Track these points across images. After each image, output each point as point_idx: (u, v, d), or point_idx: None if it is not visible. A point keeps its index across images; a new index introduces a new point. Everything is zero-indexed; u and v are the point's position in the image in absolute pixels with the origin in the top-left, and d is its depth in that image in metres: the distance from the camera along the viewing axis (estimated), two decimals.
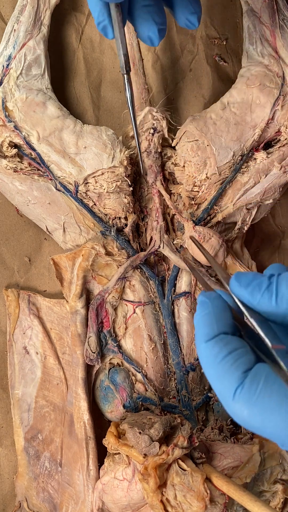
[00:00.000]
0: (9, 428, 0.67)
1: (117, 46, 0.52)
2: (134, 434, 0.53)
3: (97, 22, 0.51)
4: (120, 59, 0.53)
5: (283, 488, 0.53)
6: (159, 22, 0.51)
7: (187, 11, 0.52)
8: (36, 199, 0.64)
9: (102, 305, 0.64)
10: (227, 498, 0.50)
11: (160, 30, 0.51)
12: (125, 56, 0.52)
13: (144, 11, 0.51)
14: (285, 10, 0.65)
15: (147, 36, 0.52)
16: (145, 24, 0.51)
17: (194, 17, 0.52)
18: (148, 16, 0.51)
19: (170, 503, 0.51)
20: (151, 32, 0.51)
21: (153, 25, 0.51)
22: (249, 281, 0.41)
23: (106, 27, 0.51)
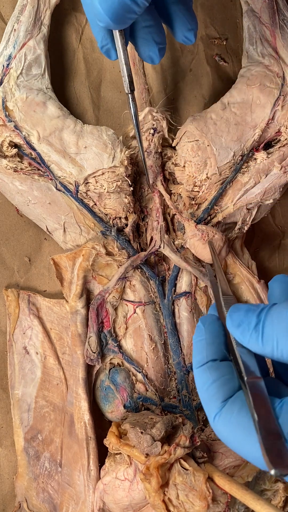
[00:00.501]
0: (9, 428, 0.67)
1: (121, 67, 0.53)
2: (136, 434, 0.53)
3: (100, 46, 0.52)
4: (124, 79, 0.54)
5: (284, 486, 0.53)
6: (159, 41, 0.53)
7: (185, 28, 0.54)
8: (36, 199, 0.64)
9: (102, 305, 0.64)
10: (229, 497, 0.50)
11: (160, 49, 0.54)
12: (129, 76, 0.54)
13: (145, 32, 0.53)
14: (285, 10, 0.65)
15: (148, 55, 0.54)
16: (146, 44, 0.53)
17: (191, 34, 0.54)
18: (149, 36, 0.53)
19: (172, 503, 0.51)
20: (152, 52, 0.54)
21: (153, 45, 0.53)
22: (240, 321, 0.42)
23: (109, 50, 0.52)
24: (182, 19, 0.53)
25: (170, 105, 0.70)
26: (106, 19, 0.45)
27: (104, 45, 0.52)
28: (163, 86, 0.70)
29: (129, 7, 0.44)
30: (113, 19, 0.45)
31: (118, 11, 0.44)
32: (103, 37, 0.51)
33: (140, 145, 0.59)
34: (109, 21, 0.45)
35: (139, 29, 0.53)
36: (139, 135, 0.58)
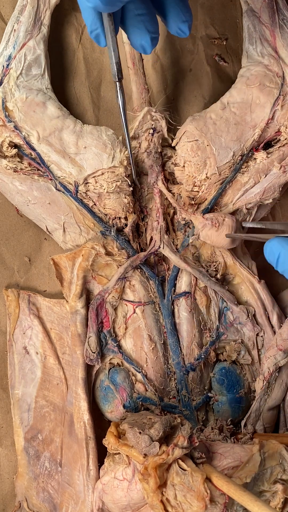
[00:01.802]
0: (9, 428, 0.67)
1: (109, 54, 0.53)
2: (134, 434, 0.53)
3: (90, 30, 0.52)
4: (112, 67, 0.53)
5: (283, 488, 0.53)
6: (151, 30, 0.52)
7: (179, 20, 0.53)
8: (36, 199, 0.64)
9: (102, 305, 0.64)
10: (227, 498, 0.50)
11: (152, 39, 0.52)
12: (117, 64, 0.53)
13: (137, 20, 0.52)
14: (285, 10, 0.65)
15: (139, 44, 0.53)
16: (138, 33, 0.52)
17: (185, 26, 0.53)
18: (141, 25, 0.52)
19: (170, 503, 0.51)
20: (144, 40, 0.52)
21: (146, 34, 0.52)
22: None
23: (99, 35, 0.52)
24: (177, 10, 0.53)
25: (170, 105, 0.70)
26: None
27: (94, 30, 0.51)
28: (163, 86, 0.70)
29: None
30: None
31: None
32: (93, 21, 0.51)
33: (126, 133, 0.59)
34: (98, 1, 0.45)
35: (131, 17, 0.52)
36: (125, 123, 0.58)
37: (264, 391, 0.63)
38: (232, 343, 0.66)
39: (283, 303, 0.68)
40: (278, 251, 0.52)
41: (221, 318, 0.66)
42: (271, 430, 0.65)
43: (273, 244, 0.53)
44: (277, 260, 0.52)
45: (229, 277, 0.67)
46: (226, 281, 0.67)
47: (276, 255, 0.52)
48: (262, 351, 0.66)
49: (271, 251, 0.53)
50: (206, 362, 0.65)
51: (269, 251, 0.53)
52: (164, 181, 0.65)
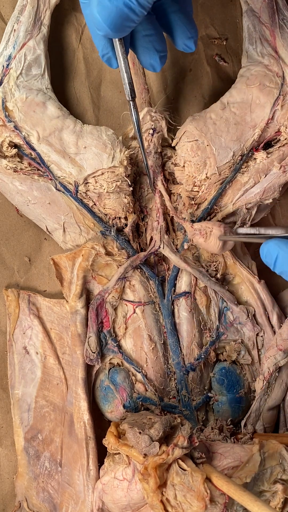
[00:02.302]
0: (9, 428, 0.67)
1: (122, 75, 0.54)
2: (134, 434, 0.53)
3: (101, 55, 0.53)
4: (125, 87, 0.54)
5: (283, 488, 0.53)
6: (160, 50, 0.54)
7: (185, 36, 0.54)
8: (36, 199, 0.64)
9: (102, 305, 0.64)
10: (227, 498, 0.50)
11: (161, 57, 0.54)
12: (130, 84, 0.54)
13: (145, 40, 0.53)
14: (284, 10, 0.65)
15: (149, 63, 0.55)
16: (147, 53, 0.54)
17: (191, 42, 0.55)
18: (150, 45, 0.53)
19: (170, 503, 0.51)
20: (153, 60, 0.54)
21: (154, 53, 0.54)
22: None
23: (110, 59, 0.53)
24: (182, 28, 0.54)
25: (170, 105, 0.70)
26: (105, 27, 0.46)
27: (105, 54, 0.53)
28: (163, 86, 0.70)
29: (127, 15, 0.45)
30: (111, 27, 0.46)
31: (116, 20, 0.45)
32: (104, 46, 0.52)
33: (142, 150, 0.59)
34: (107, 29, 0.46)
35: (139, 38, 0.53)
36: (141, 141, 0.59)
37: (264, 391, 0.63)
38: (232, 343, 0.66)
39: (283, 303, 0.68)
40: (276, 253, 0.52)
41: (221, 318, 0.66)
42: (271, 430, 0.65)
43: (270, 245, 0.52)
44: (274, 262, 0.52)
45: (229, 277, 0.67)
46: (226, 281, 0.67)
47: (274, 257, 0.52)
48: (262, 351, 0.66)
49: (268, 252, 0.53)
50: (206, 362, 0.65)
51: (266, 253, 0.53)
52: (163, 182, 0.65)
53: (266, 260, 0.53)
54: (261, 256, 0.53)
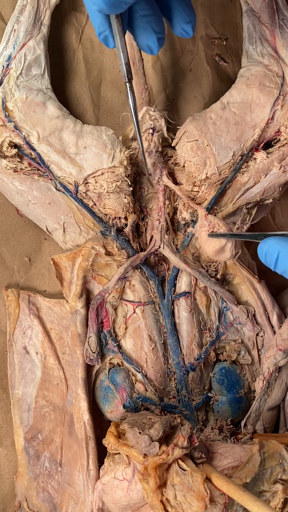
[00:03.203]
0: (9, 428, 0.67)
1: (118, 55, 0.53)
2: (134, 434, 0.53)
3: (98, 33, 0.52)
4: (122, 68, 0.53)
5: (283, 488, 0.53)
6: (158, 31, 0.52)
7: (183, 21, 0.53)
8: (36, 199, 0.64)
9: (102, 305, 0.64)
10: (227, 498, 0.50)
11: (159, 39, 0.53)
12: (126, 65, 0.53)
13: (143, 20, 0.52)
14: (284, 10, 0.65)
15: (146, 45, 0.53)
16: (144, 34, 0.52)
17: (188, 26, 0.54)
18: (147, 25, 0.52)
19: (170, 503, 0.51)
20: (150, 41, 0.53)
21: (152, 34, 0.52)
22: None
23: (107, 37, 0.52)
24: (180, 12, 0.53)
25: (169, 103, 0.70)
26: (100, 2, 0.45)
27: (102, 32, 0.52)
28: (163, 86, 0.70)
29: None
30: (106, 2, 0.45)
31: None
32: (101, 23, 0.51)
33: (138, 134, 0.58)
34: (102, 4, 0.45)
35: (137, 18, 0.52)
36: (137, 125, 0.57)
37: (264, 391, 0.63)
38: (232, 343, 0.66)
39: (283, 303, 0.68)
40: (277, 251, 0.49)
41: (221, 318, 0.66)
42: (271, 430, 0.65)
43: (270, 244, 0.50)
44: (276, 261, 0.50)
45: (229, 277, 0.67)
46: (226, 281, 0.67)
47: (275, 256, 0.50)
48: (262, 351, 0.66)
49: (269, 252, 0.50)
50: (206, 362, 0.65)
51: (266, 252, 0.51)
52: (168, 176, 0.65)
53: (266, 259, 0.51)
54: (260, 255, 0.51)
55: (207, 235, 0.62)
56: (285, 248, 0.49)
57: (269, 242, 0.50)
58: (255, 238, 0.54)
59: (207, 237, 0.62)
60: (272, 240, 0.50)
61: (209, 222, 0.62)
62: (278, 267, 0.50)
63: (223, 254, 0.62)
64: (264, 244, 0.51)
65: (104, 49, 0.69)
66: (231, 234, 0.60)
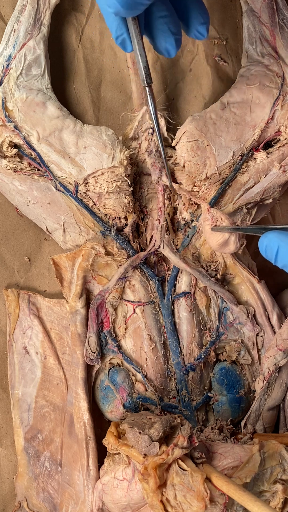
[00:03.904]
0: (9, 428, 0.67)
1: (137, 59, 0.52)
2: (134, 434, 0.53)
3: (115, 37, 0.51)
4: (141, 72, 0.53)
5: (283, 488, 0.53)
6: (175, 32, 0.52)
7: (198, 22, 0.53)
8: (36, 199, 0.64)
9: (102, 305, 0.64)
10: (227, 498, 0.50)
11: (176, 40, 0.52)
12: (145, 68, 0.53)
13: (160, 22, 0.51)
14: (284, 10, 0.65)
15: (164, 47, 0.52)
16: (162, 36, 0.52)
17: (203, 28, 0.53)
18: (165, 27, 0.51)
19: (170, 503, 0.51)
20: (168, 43, 0.52)
21: (170, 36, 0.52)
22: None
23: (125, 40, 0.51)
24: (195, 13, 0.52)
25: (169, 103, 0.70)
26: (116, 4, 0.44)
27: (119, 35, 0.51)
28: (163, 86, 0.70)
29: None
30: (122, 4, 0.44)
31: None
32: (118, 26, 0.50)
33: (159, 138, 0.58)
34: (118, 6, 0.44)
35: (154, 20, 0.51)
36: (158, 130, 0.57)
37: (264, 391, 0.63)
38: (232, 343, 0.66)
39: (283, 303, 0.68)
40: (277, 245, 0.49)
41: (221, 318, 0.66)
42: (271, 430, 0.65)
43: (270, 238, 0.50)
44: (276, 255, 0.50)
45: (229, 277, 0.67)
46: (226, 281, 0.67)
47: (275, 250, 0.49)
48: (262, 351, 0.66)
49: (269, 246, 0.50)
50: (206, 362, 0.65)
51: (266, 246, 0.50)
52: (167, 175, 0.65)
53: (267, 254, 0.51)
54: (260, 250, 0.51)
55: (210, 228, 0.62)
56: (285, 242, 0.49)
57: (269, 237, 0.50)
58: (257, 232, 0.53)
59: (211, 230, 0.62)
60: (272, 234, 0.50)
61: (212, 216, 0.62)
62: (279, 261, 0.50)
63: (227, 247, 0.62)
64: (264, 239, 0.51)
65: (104, 49, 0.69)
66: (234, 228, 0.60)
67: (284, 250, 0.49)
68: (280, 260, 0.50)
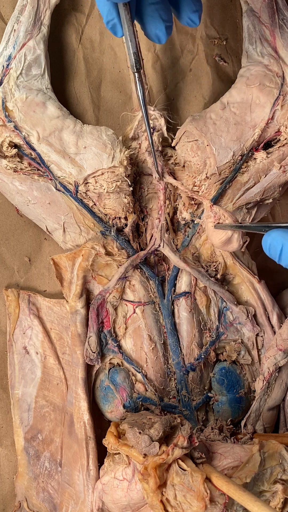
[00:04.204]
0: (9, 428, 0.67)
1: (126, 44, 0.52)
2: (134, 434, 0.53)
3: (106, 21, 0.51)
4: (130, 57, 0.53)
5: (283, 488, 0.53)
6: (166, 19, 0.52)
7: (189, 9, 0.53)
8: (36, 199, 0.64)
9: (102, 305, 0.64)
10: (227, 498, 0.50)
11: (167, 27, 0.52)
12: (135, 54, 0.53)
13: (151, 9, 0.51)
14: (284, 10, 0.65)
15: (154, 34, 0.52)
16: (152, 22, 0.52)
17: (195, 15, 0.53)
18: (156, 13, 0.51)
19: (170, 503, 0.51)
20: (159, 29, 0.52)
21: (160, 22, 0.52)
22: None
23: (115, 25, 0.51)
24: (188, 0, 0.52)
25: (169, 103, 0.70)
26: None
27: (110, 20, 0.51)
28: (163, 86, 0.70)
29: None
30: None
31: None
32: (108, 11, 0.50)
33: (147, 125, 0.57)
34: None
35: (145, 6, 0.51)
36: (146, 116, 0.56)
37: (264, 391, 0.63)
38: (232, 343, 0.66)
39: (283, 303, 0.68)
40: (281, 244, 0.49)
41: (221, 318, 0.66)
42: (271, 430, 0.65)
43: (274, 236, 0.50)
44: (280, 254, 0.49)
45: (229, 277, 0.67)
46: (226, 281, 0.67)
47: (279, 248, 0.49)
48: (262, 351, 0.66)
49: (272, 244, 0.50)
50: (206, 362, 0.65)
51: (270, 244, 0.50)
52: (169, 173, 0.64)
53: (270, 252, 0.50)
54: (264, 248, 0.51)
55: (213, 226, 0.62)
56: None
57: (273, 235, 0.50)
58: (260, 229, 0.53)
59: (213, 228, 0.61)
60: (275, 232, 0.50)
61: (215, 213, 0.61)
62: (283, 260, 0.50)
63: (230, 245, 0.62)
64: (268, 237, 0.50)
65: (104, 49, 0.69)
66: (237, 226, 0.59)
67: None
68: (284, 259, 0.49)
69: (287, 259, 0.49)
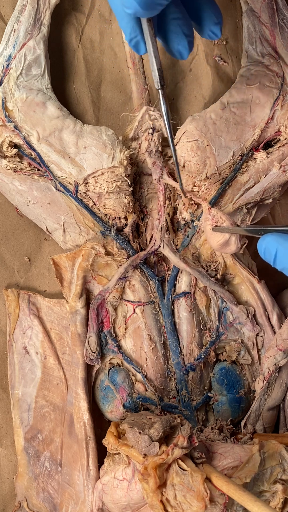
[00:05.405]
0: (9, 428, 0.67)
1: (151, 60, 0.51)
2: (134, 434, 0.53)
3: (129, 39, 0.51)
4: (154, 74, 0.52)
5: (283, 488, 0.53)
6: (188, 34, 0.51)
7: (211, 22, 0.52)
8: (36, 199, 0.64)
9: (102, 305, 0.64)
10: (227, 498, 0.50)
11: (189, 42, 0.51)
12: (159, 70, 0.52)
13: (174, 24, 0.51)
14: (284, 10, 0.65)
15: (177, 50, 0.52)
16: (175, 37, 0.51)
17: (217, 28, 0.52)
18: (178, 29, 0.51)
19: (170, 503, 0.51)
20: (181, 45, 0.51)
21: (182, 38, 0.51)
22: None
23: (139, 42, 0.51)
24: (209, 13, 0.52)
25: (170, 105, 0.70)
26: (134, 4, 0.43)
27: (133, 38, 0.50)
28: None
29: None
30: (141, 4, 0.43)
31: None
32: (132, 28, 0.49)
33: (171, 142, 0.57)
34: (137, 6, 0.44)
35: (167, 22, 0.51)
36: (170, 134, 0.56)
37: (264, 391, 0.63)
38: (232, 343, 0.66)
39: (283, 303, 0.68)
40: (275, 248, 0.49)
41: (221, 318, 0.66)
42: (271, 430, 0.65)
43: (268, 241, 0.50)
44: (274, 258, 0.50)
45: (229, 277, 0.67)
46: (226, 281, 0.67)
47: (273, 253, 0.49)
48: (262, 351, 0.66)
49: (267, 249, 0.50)
50: (206, 362, 0.65)
51: (265, 249, 0.50)
52: (169, 174, 0.64)
53: (265, 256, 0.51)
54: (259, 252, 0.51)
55: (211, 229, 0.62)
56: (283, 245, 0.49)
57: (267, 239, 0.50)
58: (256, 233, 0.53)
59: (211, 231, 0.61)
60: (270, 237, 0.50)
61: (213, 216, 0.61)
62: (277, 264, 0.50)
63: (228, 247, 0.62)
64: (263, 241, 0.51)
65: (104, 49, 0.69)
66: (234, 228, 0.59)
67: (282, 253, 0.49)
68: (278, 263, 0.50)
69: (282, 263, 0.49)
